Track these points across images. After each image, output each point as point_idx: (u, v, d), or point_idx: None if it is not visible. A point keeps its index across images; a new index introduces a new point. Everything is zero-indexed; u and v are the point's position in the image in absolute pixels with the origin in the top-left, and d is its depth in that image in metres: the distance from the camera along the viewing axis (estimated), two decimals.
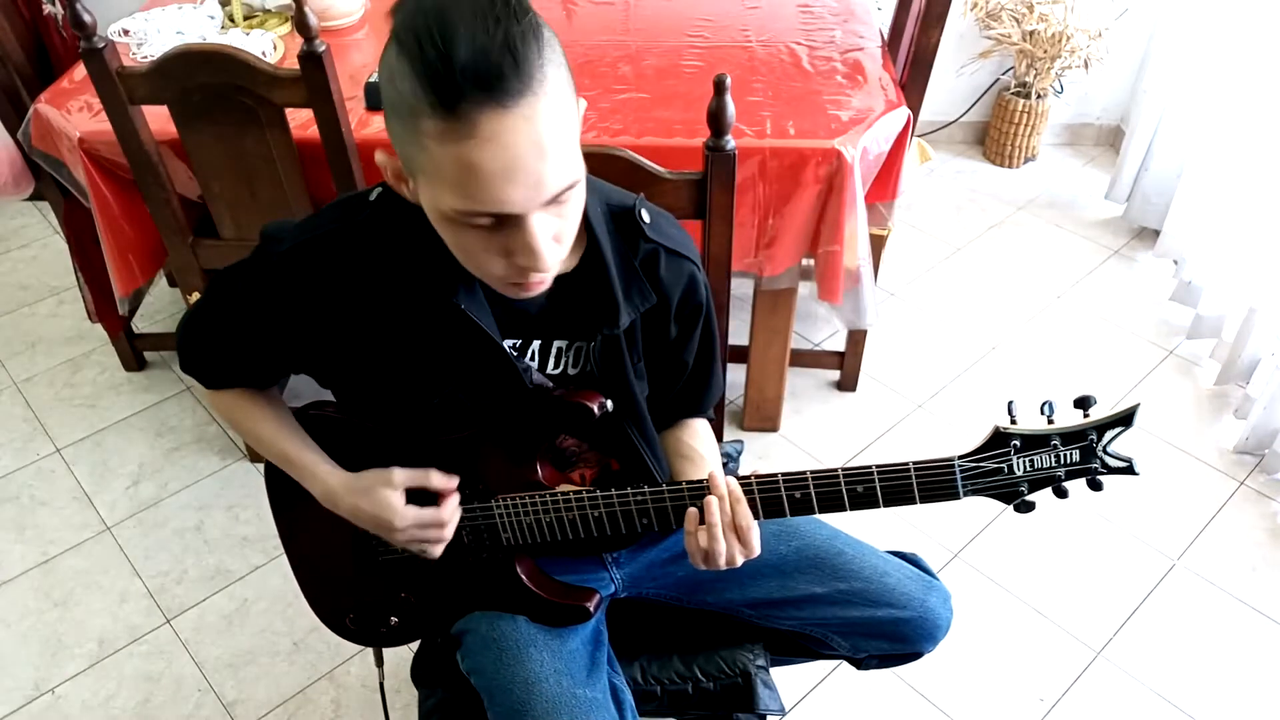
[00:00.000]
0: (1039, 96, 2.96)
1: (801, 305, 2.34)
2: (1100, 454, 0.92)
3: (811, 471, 0.98)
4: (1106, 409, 0.91)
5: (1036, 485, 0.95)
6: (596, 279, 0.98)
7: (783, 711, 1.25)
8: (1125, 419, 0.91)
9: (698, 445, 1.16)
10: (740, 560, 1.02)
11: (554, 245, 0.85)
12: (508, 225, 0.81)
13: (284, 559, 1.96)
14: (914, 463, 0.96)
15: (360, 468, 1.09)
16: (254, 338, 1.04)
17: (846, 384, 2.33)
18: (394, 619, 1.19)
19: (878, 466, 0.96)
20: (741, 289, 2.31)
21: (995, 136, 3.09)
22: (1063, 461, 0.93)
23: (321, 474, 1.08)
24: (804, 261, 1.88)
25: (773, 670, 1.25)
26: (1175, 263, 2.62)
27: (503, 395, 1.02)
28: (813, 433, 2.23)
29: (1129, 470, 0.93)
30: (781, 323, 2.01)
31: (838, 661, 1.28)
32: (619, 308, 1.00)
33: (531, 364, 1.04)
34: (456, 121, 0.74)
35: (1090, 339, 2.47)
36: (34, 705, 1.74)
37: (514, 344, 1.02)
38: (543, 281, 0.89)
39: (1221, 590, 1.89)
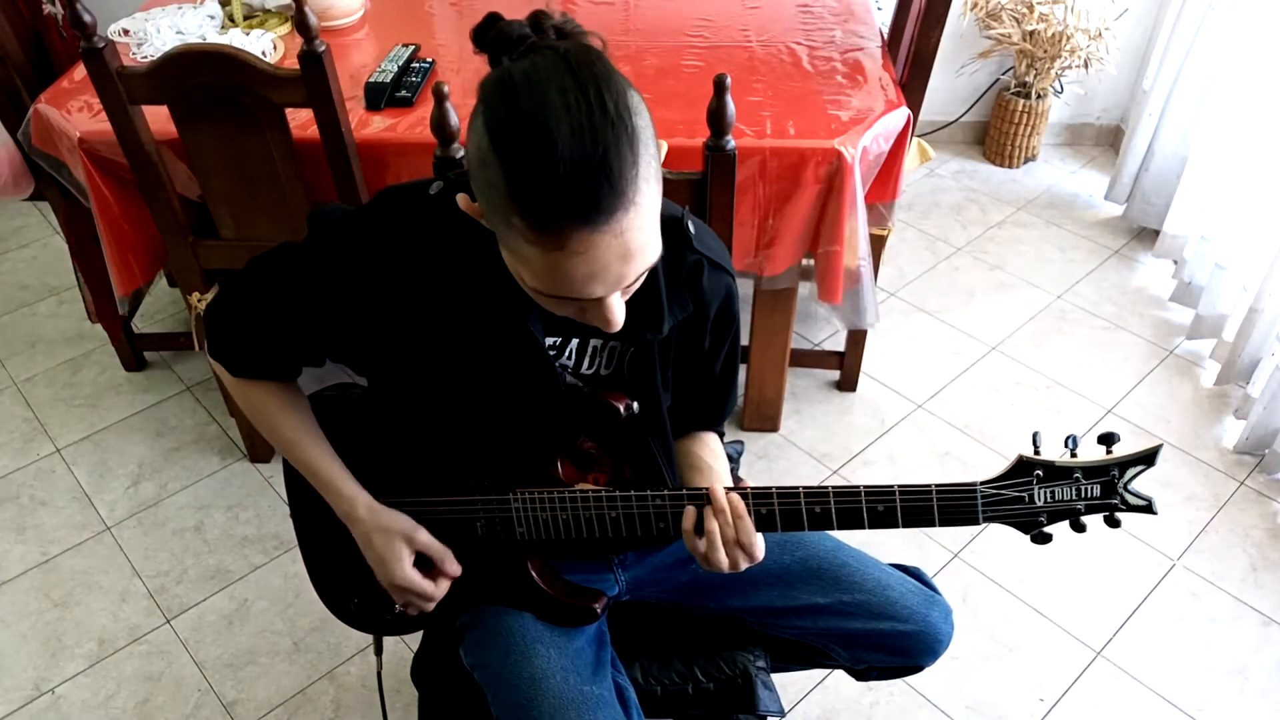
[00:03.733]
0: (1039, 96, 2.96)
1: (801, 305, 2.34)
2: (1121, 491, 0.93)
3: (834, 488, 0.98)
4: (1129, 445, 0.92)
5: (1056, 517, 0.95)
6: (646, 285, 0.98)
7: (782, 712, 1.25)
8: (1148, 458, 0.92)
9: (708, 458, 1.16)
10: (744, 566, 1.02)
11: (624, 305, 0.87)
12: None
13: (284, 559, 1.97)
14: (936, 486, 0.96)
15: (379, 453, 1.10)
16: (298, 320, 1.04)
17: (846, 384, 2.33)
18: (399, 606, 1.20)
19: (900, 487, 0.97)
20: (742, 289, 2.30)
21: (995, 136, 3.09)
22: (1083, 495, 0.94)
23: (349, 494, 1.10)
24: (804, 261, 1.88)
25: (772, 672, 1.25)
26: (1175, 263, 2.62)
27: (536, 393, 1.02)
28: (813, 433, 2.23)
29: (1148, 509, 0.94)
30: (781, 323, 2.01)
31: None
32: (664, 315, 1.01)
33: (568, 362, 1.05)
34: (547, 234, 0.76)
35: (1090, 339, 2.47)
36: (34, 705, 1.74)
37: (554, 341, 1.03)
38: None
39: (1221, 590, 1.89)
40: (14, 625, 1.87)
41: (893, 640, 1.17)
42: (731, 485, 1.03)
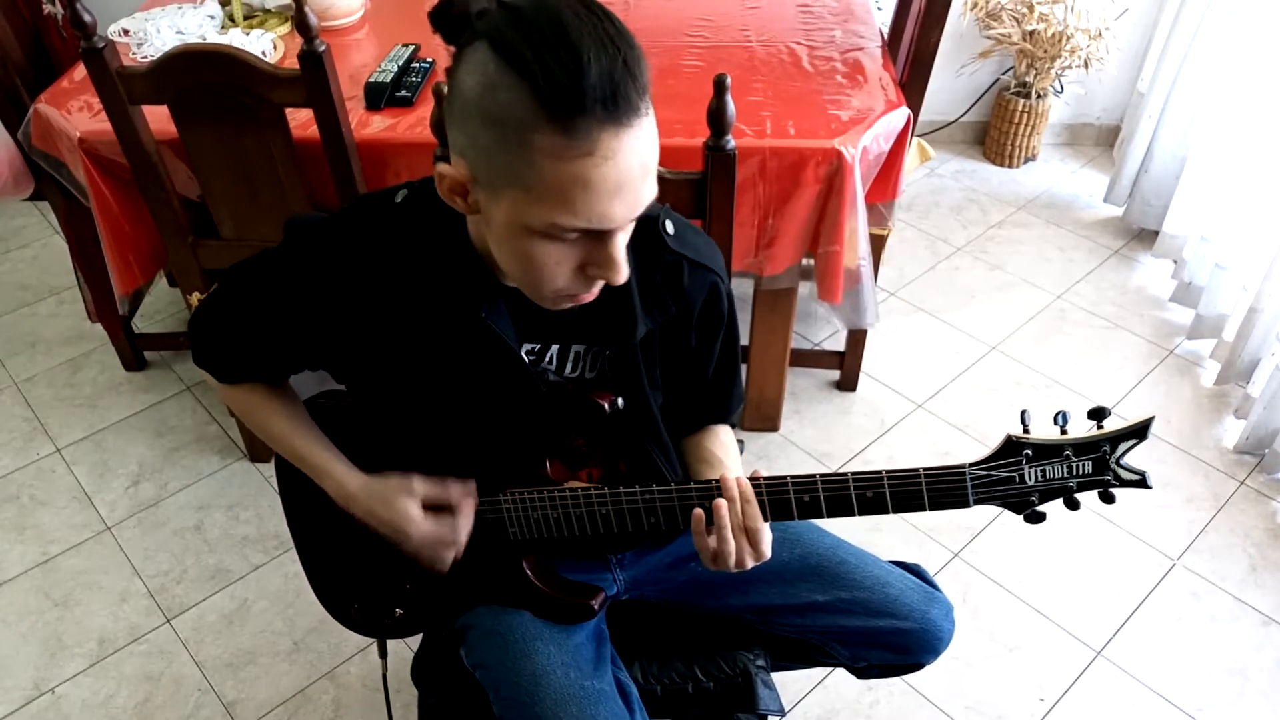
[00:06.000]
0: (1039, 96, 2.96)
1: (801, 305, 2.34)
2: (1113, 466, 0.92)
3: (821, 475, 0.98)
4: (1120, 421, 0.90)
5: (1048, 496, 0.94)
6: (618, 289, 0.97)
7: (782, 712, 1.25)
8: (1139, 431, 0.91)
9: (718, 451, 1.16)
10: (750, 563, 1.01)
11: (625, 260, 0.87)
12: (595, 239, 0.84)
13: (284, 559, 1.96)
14: (924, 469, 0.95)
15: (370, 460, 1.09)
16: (274, 328, 1.04)
17: (846, 384, 2.33)
18: (399, 610, 1.20)
19: (888, 472, 0.96)
20: (741, 289, 2.31)
21: (995, 136, 3.09)
22: (1075, 473, 0.93)
23: (339, 475, 1.09)
24: (804, 261, 1.88)
25: (772, 671, 1.25)
26: (1175, 263, 2.62)
27: (515, 397, 1.02)
28: (813, 433, 2.23)
29: (1142, 483, 0.93)
30: (781, 323, 2.01)
31: None
32: (636, 320, 1.00)
33: (549, 367, 1.05)
34: (577, 139, 0.76)
35: (1090, 339, 2.47)
36: (34, 705, 1.74)
37: (533, 348, 1.03)
38: (595, 294, 0.91)
39: (1221, 590, 1.89)
40: (14, 625, 1.87)
41: (893, 638, 1.17)
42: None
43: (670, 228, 1.03)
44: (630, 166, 0.78)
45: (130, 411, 2.31)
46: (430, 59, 1.95)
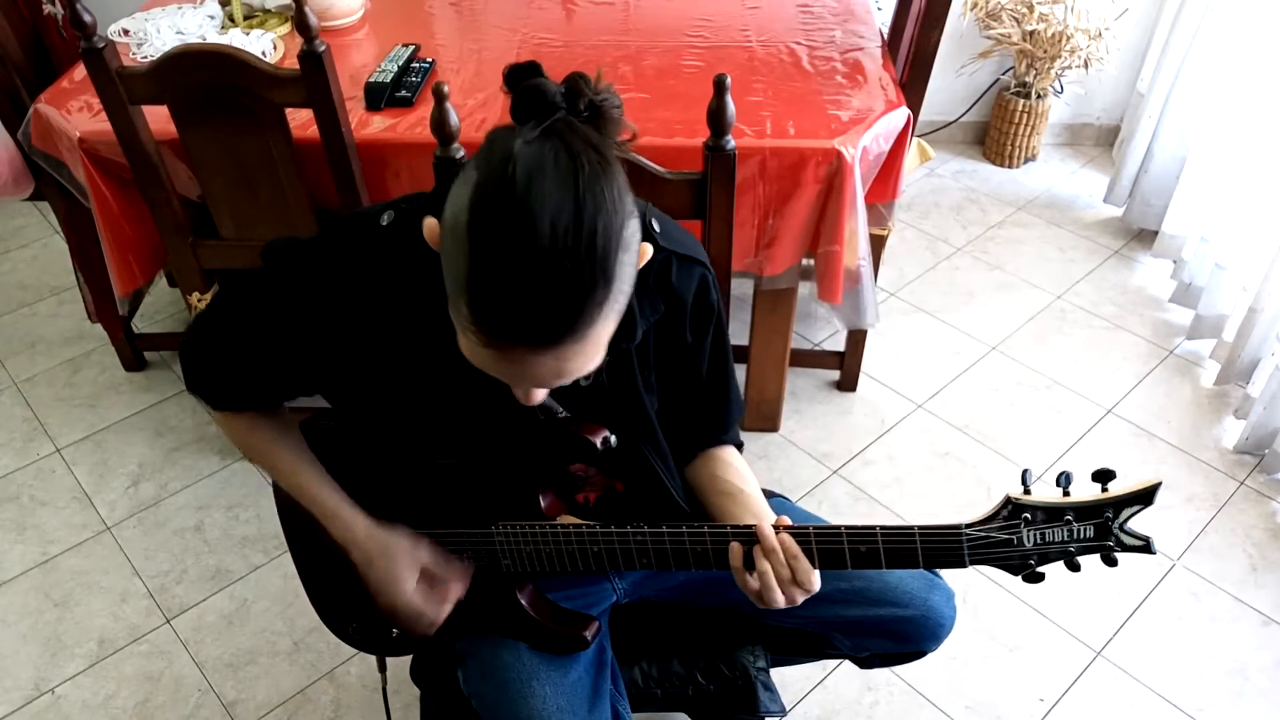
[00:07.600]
0: (1039, 96, 2.96)
1: (801, 305, 2.34)
2: (1116, 531, 0.89)
3: (815, 527, 0.96)
4: (1126, 484, 0.87)
5: (1047, 559, 0.92)
6: None
7: (783, 712, 1.25)
8: (1145, 497, 0.87)
9: (735, 480, 1.12)
10: (801, 599, 0.99)
11: (547, 390, 0.87)
12: None
13: (284, 559, 1.97)
14: (919, 528, 0.93)
15: (366, 485, 1.08)
16: (262, 355, 1.03)
17: (846, 384, 2.33)
18: (395, 630, 1.19)
19: (882, 528, 0.94)
20: (741, 289, 2.31)
21: (995, 136, 3.09)
22: (1076, 536, 0.90)
23: (346, 517, 1.08)
24: (804, 261, 1.88)
25: (773, 670, 1.25)
26: (1175, 263, 2.62)
27: (509, 423, 1.01)
28: (813, 433, 2.23)
29: (1145, 549, 0.89)
30: (781, 323, 2.01)
31: (837, 662, 1.28)
32: (635, 322, 0.98)
33: None
34: (488, 337, 0.75)
35: (1090, 339, 2.47)
36: (34, 705, 1.74)
37: None
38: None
39: (1221, 590, 1.89)
40: (14, 625, 1.87)
41: (894, 626, 1.16)
42: (768, 503, 1.01)
43: (657, 225, 1.01)
44: (539, 374, 0.78)
45: (130, 411, 2.31)
46: (430, 59, 1.95)
